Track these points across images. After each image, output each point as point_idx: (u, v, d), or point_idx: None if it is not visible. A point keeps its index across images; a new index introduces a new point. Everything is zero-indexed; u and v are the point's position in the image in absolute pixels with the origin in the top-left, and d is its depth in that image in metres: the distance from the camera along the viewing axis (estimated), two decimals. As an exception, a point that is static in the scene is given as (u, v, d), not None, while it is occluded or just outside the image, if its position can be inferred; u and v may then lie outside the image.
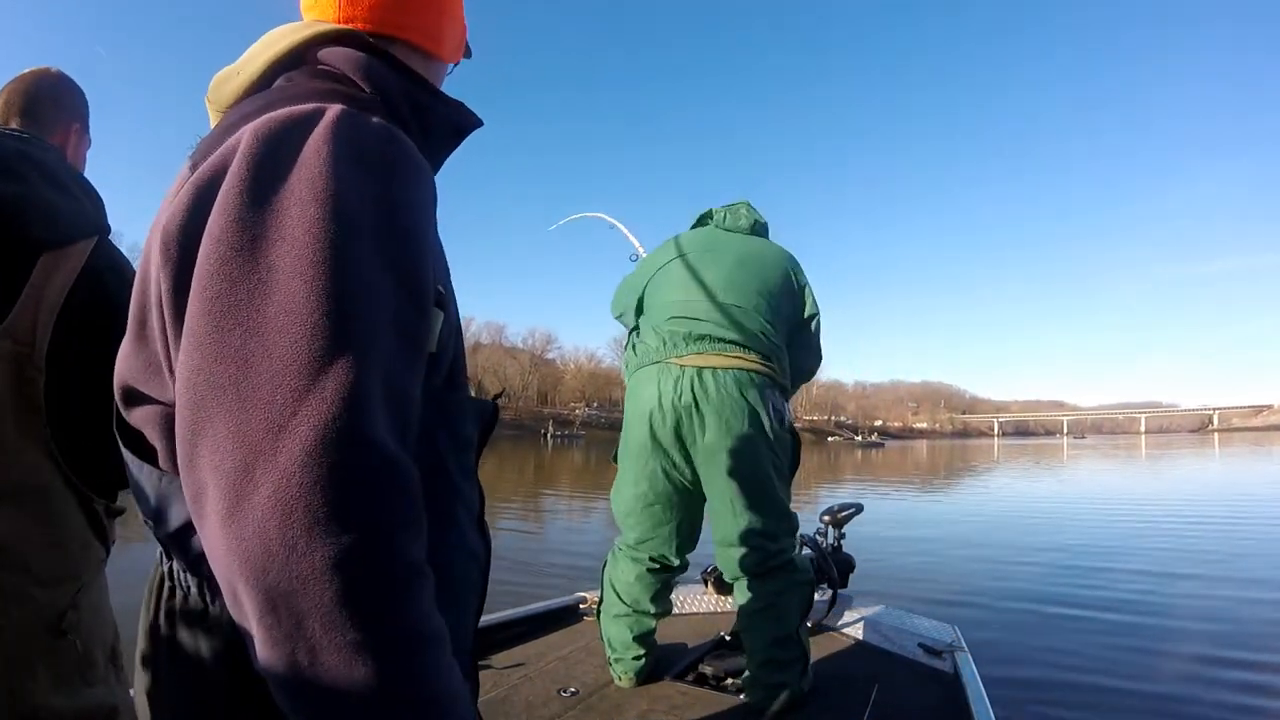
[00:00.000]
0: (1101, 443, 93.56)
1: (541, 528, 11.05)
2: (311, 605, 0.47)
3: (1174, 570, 7.23)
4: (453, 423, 0.73)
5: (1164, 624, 5.28)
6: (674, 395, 2.24)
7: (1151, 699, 3.77)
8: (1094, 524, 11.38)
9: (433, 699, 0.53)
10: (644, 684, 2.38)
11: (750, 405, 2.23)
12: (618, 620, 2.41)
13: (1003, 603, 5.90)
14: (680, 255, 2.49)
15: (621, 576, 2.43)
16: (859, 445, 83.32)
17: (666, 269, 2.49)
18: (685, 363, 2.26)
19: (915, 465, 34.30)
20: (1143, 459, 38.92)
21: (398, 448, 0.53)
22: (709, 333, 2.28)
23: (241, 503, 0.48)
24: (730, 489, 2.23)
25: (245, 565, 0.47)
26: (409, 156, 0.63)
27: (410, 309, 0.59)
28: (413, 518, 0.53)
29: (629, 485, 2.41)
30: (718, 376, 2.23)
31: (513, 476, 21.81)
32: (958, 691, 2.40)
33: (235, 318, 0.51)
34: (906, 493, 18.19)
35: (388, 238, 0.58)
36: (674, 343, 2.30)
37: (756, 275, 2.42)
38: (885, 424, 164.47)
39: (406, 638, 0.51)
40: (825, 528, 3.30)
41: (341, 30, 0.77)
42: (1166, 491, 18.22)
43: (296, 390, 0.49)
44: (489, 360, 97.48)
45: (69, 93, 1.33)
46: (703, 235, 2.57)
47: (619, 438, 2.51)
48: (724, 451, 2.22)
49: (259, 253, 0.53)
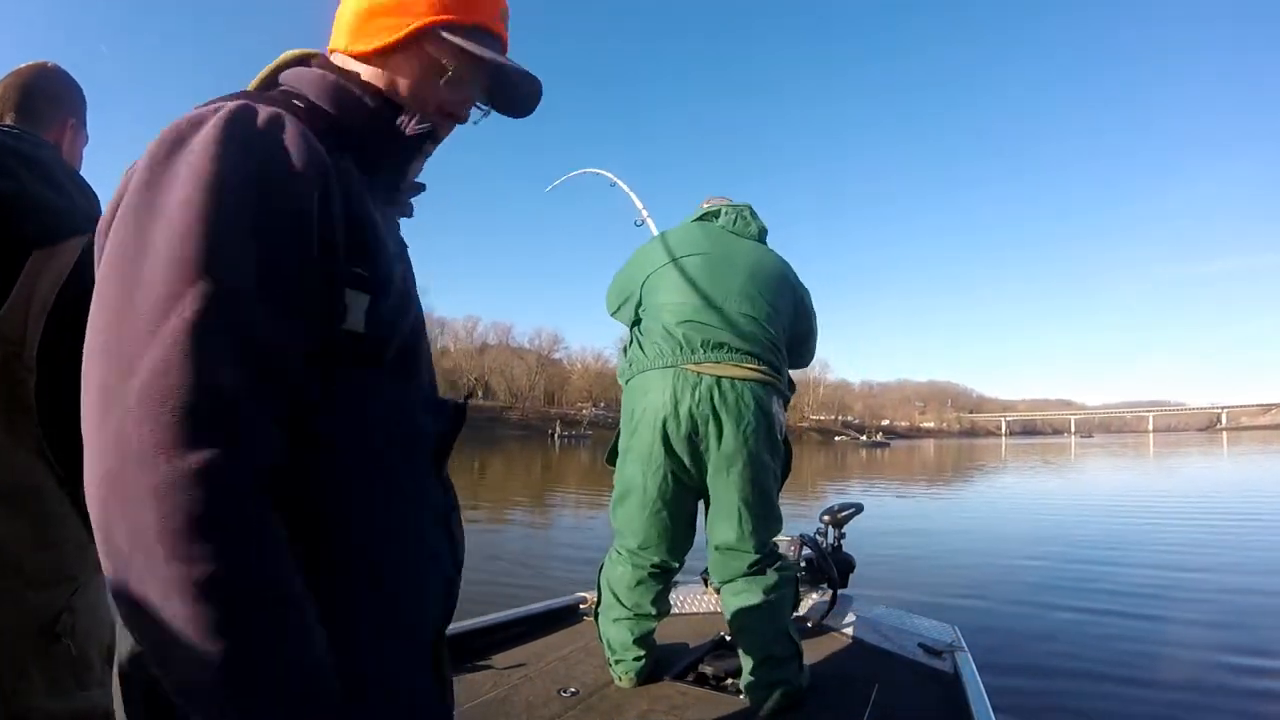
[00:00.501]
0: (1109, 441, 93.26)
1: (549, 526, 11.06)
2: (135, 533, 0.52)
3: (1178, 570, 7.21)
4: (395, 415, 0.76)
5: (1167, 624, 5.26)
6: (692, 402, 2.22)
7: (1153, 699, 3.76)
8: (1097, 523, 11.36)
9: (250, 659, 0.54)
10: (644, 684, 2.37)
11: (765, 416, 2.27)
12: (618, 623, 2.40)
13: (1003, 603, 5.89)
14: (693, 254, 2.43)
15: (622, 581, 2.40)
16: (864, 445, 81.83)
17: (675, 267, 2.43)
18: (704, 370, 2.25)
19: (922, 465, 34.23)
20: (1150, 458, 38.70)
21: (245, 397, 0.58)
22: (727, 342, 2.28)
23: (96, 439, 0.55)
24: (738, 496, 2.26)
25: (92, 495, 0.54)
26: (296, 141, 0.67)
27: (276, 275, 0.63)
28: (243, 462, 0.56)
29: (635, 491, 2.35)
30: (736, 387, 2.24)
31: (521, 476, 21.91)
32: (958, 691, 2.39)
33: (118, 284, 0.60)
34: (912, 492, 18.17)
35: (258, 212, 0.63)
36: (690, 348, 2.28)
37: (768, 286, 2.43)
38: (892, 423, 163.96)
39: (225, 584, 0.52)
40: (825, 528, 3.30)
41: (308, 53, 0.84)
42: (1171, 489, 18.19)
43: (143, 339, 0.55)
44: (496, 361, 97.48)
45: (65, 88, 1.33)
46: (713, 236, 2.51)
47: (604, 433, 2.48)
48: (739, 460, 2.24)
49: (143, 228, 0.60)
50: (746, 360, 2.28)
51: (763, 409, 2.27)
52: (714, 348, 2.27)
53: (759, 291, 2.39)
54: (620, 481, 2.41)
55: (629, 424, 2.38)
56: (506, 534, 9.89)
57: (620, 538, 2.43)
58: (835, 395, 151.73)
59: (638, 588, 2.38)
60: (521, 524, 11.07)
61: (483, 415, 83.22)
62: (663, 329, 2.34)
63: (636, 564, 2.38)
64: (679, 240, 2.50)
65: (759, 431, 2.25)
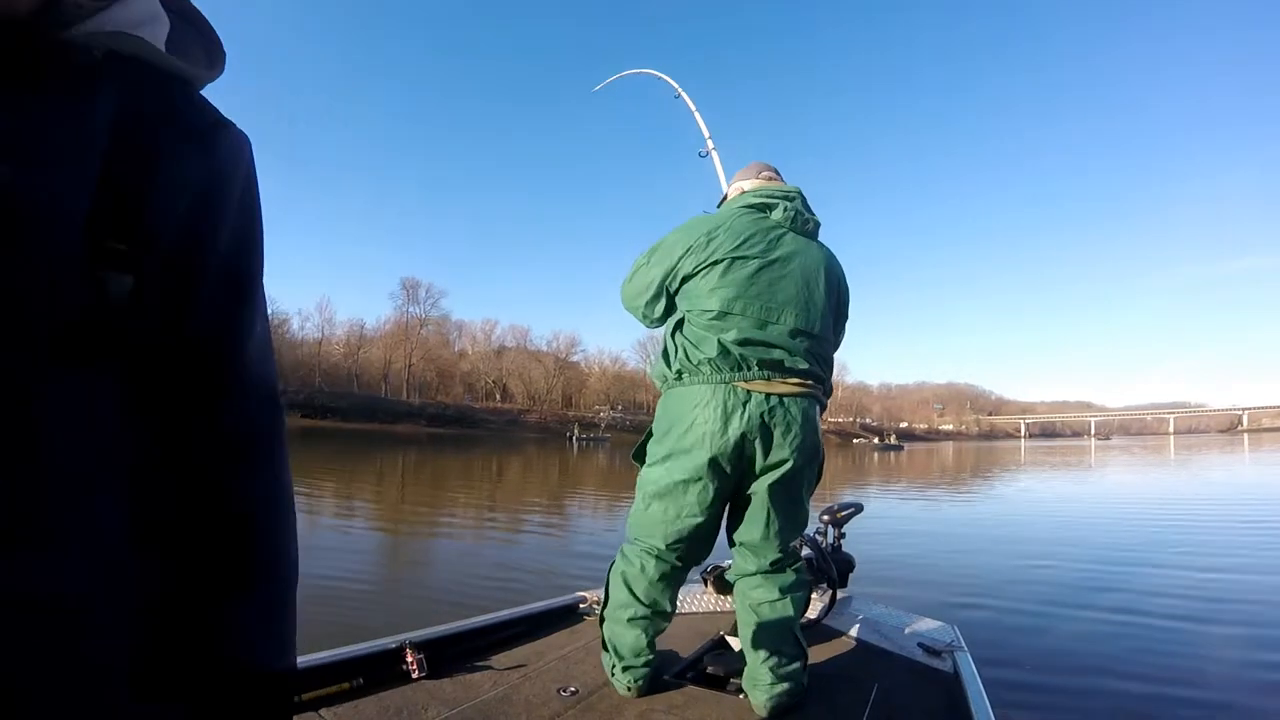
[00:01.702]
0: (1130, 443, 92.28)
1: (567, 529, 11.09)
2: None
3: (1180, 571, 7.14)
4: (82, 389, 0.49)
5: (1168, 624, 5.20)
6: (743, 419, 2.18)
7: (1153, 699, 3.72)
8: (1100, 524, 11.31)
9: None
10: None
11: (813, 429, 2.29)
12: (633, 624, 2.32)
13: (1004, 603, 5.87)
14: (749, 257, 2.29)
15: (643, 577, 2.33)
16: (877, 448, 78.93)
17: (729, 268, 2.28)
18: (754, 388, 2.21)
19: (940, 468, 33.98)
20: (1160, 461, 38.22)
21: None
22: (782, 360, 2.25)
23: None
24: (771, 500, 2.27)
25: None
26: None
27: None
28: None
29: (671, 498, 2.27)
30: (785, 403, 2.23)
31: (538, 479, 22.03)
32: (958, 691, 2.40)
33: None
34: (920, 496, 18.07)
35: None
36: (746, 366, 2.22)
37: (825, 295, 2.38)
38: (911, 425, 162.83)
39: None
40: (825, 527, 3.31)
41: None
42: (1183, 491, 18.03)
43: None
44: (514, 364, 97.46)
45: None
46: (770, 236, 2.36)
47: (639, 439, 2.47)
48: (780, 470, 2.24)
49: None
50: (801, 377, 2.28)
51: (809, 421, 2.27)
52: (769, 366, 2.24)
53: (815, 302, 2.34)
54: (652, 484, 2.32)
55: (671, 430, 2.30)
56: (529, 537, 9.94)
57: (642, 537, 2.36)
58: (854, 397, 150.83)
59: (658, 583, 2.33)
60: (545, 525, 11.14)
61: (501, 418, 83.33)
62: (719, 345, 2.23)
63: (661, 558, 2.32)
64: (730, 232, 2.33)
65: (804, 445, 2.25)
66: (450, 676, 2.35)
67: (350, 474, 20.04)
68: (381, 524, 10.85)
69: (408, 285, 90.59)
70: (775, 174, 2.63)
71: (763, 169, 2.64)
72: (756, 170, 2.63)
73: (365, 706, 2.08)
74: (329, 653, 2.25)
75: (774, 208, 2.40)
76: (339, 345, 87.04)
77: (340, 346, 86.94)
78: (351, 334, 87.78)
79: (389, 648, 2.36)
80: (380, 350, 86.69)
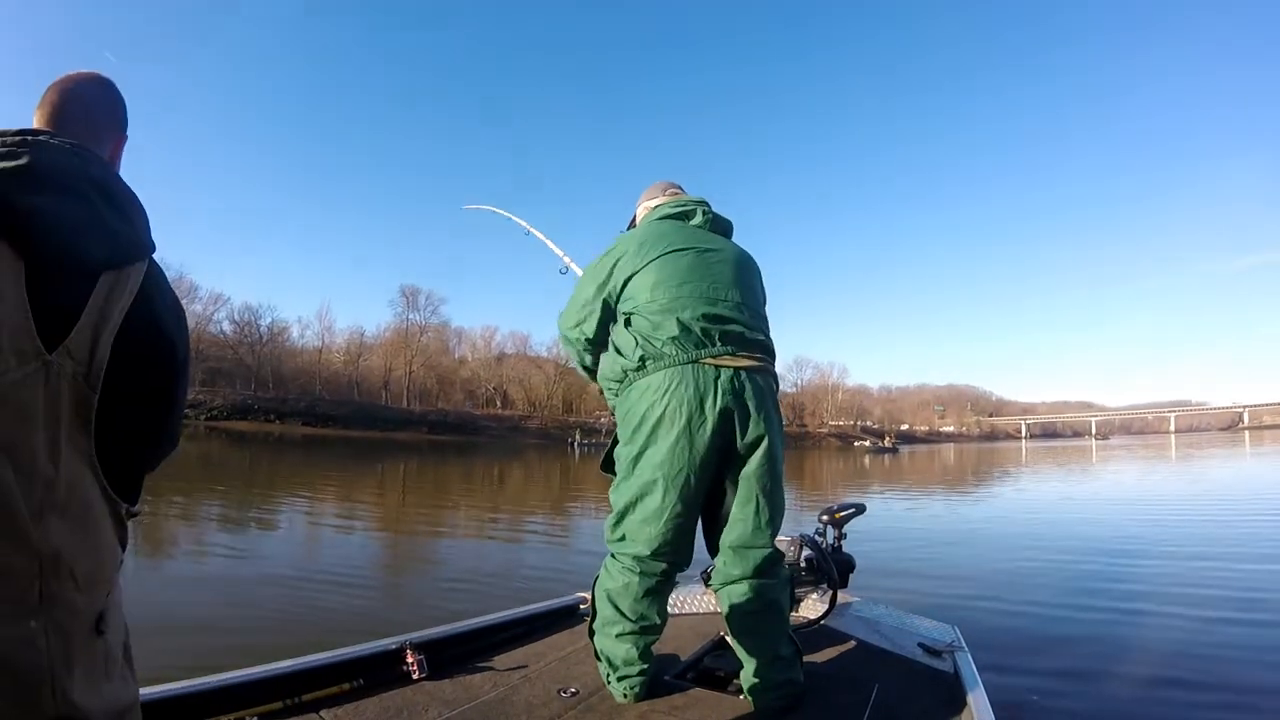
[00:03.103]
0: (1131, 443, 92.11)
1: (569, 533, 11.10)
2: None
3: (1181, 571, 7.13)
4: None
5: (1168, 624, 5.19)
6: (717, 396, 2.14)
7: (1154, 699, 3.71)
8: (1101, 524, 11.30)
9: None
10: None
11: (777, 407, 2.29)
12: (621, 639, 2.28)
13: (1004, 603, 5.85)
14: (682, 249, 2.34)
15: (628, 593, 2.27)
16: (869, 451, 76.20)
17: (667, 261, 2.31)
18: (722, 363, 2.18)
19: (942, 470, 33.95)
20: (1157, 459, 38.16)
21: None
22: (742, 332, 2.25)
23: None
24: (757, 485, 2.23)
25: None
26: None
27: None
28: None
29: (652, 496, 2.19)
30: (754, 378, 2.22)
31: (540, 485, 22.04)
32: (958, 691, 2.40)
33: None
34: (927, 497, 18.05)
35: None
36: (710, 341, 2.20)
37: (754, 279, 2.46)
38: (912, 427, 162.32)
39: None
40: (825, 528, 3.31)
41: None
42: (1181, 490, 18.02)
43: None
44: (515, 370, 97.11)
45: (118, 103, 1.31)
46: (693, 234, 2.44)
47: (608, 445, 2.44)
48: (761, 449, 2.22)
49: None
50: (757, 352, 2.27)
51: (773, 394, 2.29)
52: (731, 340, 2.22)
53: (750, 284, 2.40)
54: (630, 488, 2.25)
55: (640, 427, 2.23)
56: (530, 541, 9.95)
57: (625, 547, 2.29)
58: (854, 400, 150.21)
59: (644, 598, 2.26)
60: (545, 530, 11.12)
61: (502, 424, 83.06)
62: (679, 324, 2.20)
63: (646, 572, 2.25)
64: (657, 236, 2.39)
65: (775, 420, 2.25)
66: (450, 677, 2.35)
67: (352, 482, 20.04)
68: (384, 530, 10.86)
69: (407, 292, 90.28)
70: (680, 189, 2.73)
71: (668, 187, 2.72)
72: (662, 189, 2.73)
73: (366, 707, 2.08)
74: (329, 653, 2.26)
75: (692, 215, 2.51)
76: (339, 353, 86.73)
77: (340, 354, 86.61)
78: (352, 342, 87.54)
79: (389, 648, 2.37)
80: (380, 358, 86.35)
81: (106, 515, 1.09)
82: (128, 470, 1.12)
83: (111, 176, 1.16)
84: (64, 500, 0.99)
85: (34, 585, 0.94)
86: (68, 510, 1.00)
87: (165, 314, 1.15)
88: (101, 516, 1.08)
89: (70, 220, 1.03)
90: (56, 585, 0.97)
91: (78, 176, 1.08)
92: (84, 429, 1.03)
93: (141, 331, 1.10)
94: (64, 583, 0.99)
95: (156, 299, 1.14)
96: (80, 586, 1.01)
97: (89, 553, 1.04)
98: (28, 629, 0.93)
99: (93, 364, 1.02)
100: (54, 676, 0.96)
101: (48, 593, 0.96)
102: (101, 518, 1.08)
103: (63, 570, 0.98)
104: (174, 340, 1.15)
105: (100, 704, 1.03)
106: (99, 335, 1.03)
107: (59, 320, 0.99)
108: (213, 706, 1.91)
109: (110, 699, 1.06)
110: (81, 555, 1.02)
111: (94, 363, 1.02)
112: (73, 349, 1.00)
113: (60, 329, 0.99)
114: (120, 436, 1.09)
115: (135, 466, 1.14)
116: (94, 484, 1.06)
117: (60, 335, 0.99)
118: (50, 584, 0.96)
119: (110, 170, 1.18)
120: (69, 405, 1.00)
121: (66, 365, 0.99)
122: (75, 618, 1.00)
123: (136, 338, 1.08)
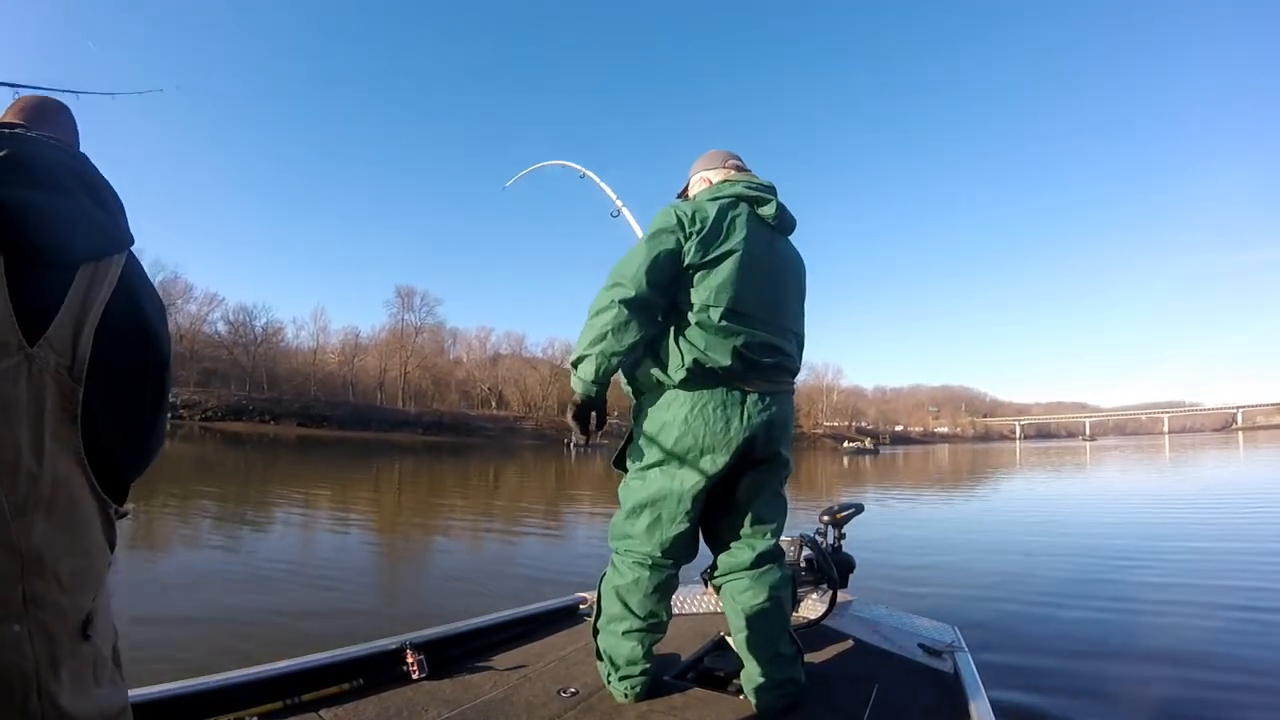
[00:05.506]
0: (1124, 443, 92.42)
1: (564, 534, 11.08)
2: None
3: (1182, 571, 7.15)
4: None
5: (1169, 624, 5.20)
6: (741, 419, 2.18)
7: (1155, 699, 3.72)
8: (1099, 524, 11.32)
9: None
10: None
11: (791, 426, 2.37)
12: (628, 636, 2.27)
13: (1004, 603, 5.86)
14: (751, 252, 2.23)
15: (638, 589, 2.26)
16: (846, 452, 72.89)
17: (743, 265, 2.20)
18: (752, 389, 2.22)
19: (937, 471, 33.99)
20: (1166, 459, 38.30)
21: None
22: (782, 361, 2.32)
23: None
24: (760, 491, 2.32)
25: None
26: None
27: None
28: None
29: (666, 503, 2.22)
30: (780, 401, 2.30)
31: (535, 485, 22.01)
32: (958, 691, 2.40)
33: None
34: (928, 498, 18.08)
35: None
36: (756, 370, 2.22)
37: (802, 293, 2.49)
38: (906, 428, 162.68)
39: None
40: (825, 528, 3.31)
41: None
42: (1179, 491, 18.05)
43: None
44: (510, 370, 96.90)
45: (74, 124, 1.33)
46: (763, 233, 2.31)
47: (620, 442, 2.44)
48: (770, 463, 2.31)
49: None
50: (788, 377, 2.37)
51: (792, 415, 2.37)
52: (773, 369, 2.28)
53: (797, 298, 2.44)
54: (643, 491, 2.26)
55: (661, 433, 2.22)
56: (528, 540, 9.93)
57: (634, 546, 2.28)
58: (848, 401, 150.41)
59: (653, 595, 2.26)
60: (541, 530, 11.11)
61: (498, 425, 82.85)
62: (732, 352, 2.17)
63: (657, 567, 2.26)
64: (730, 226, 2.24)
65: (787, 437, 2.35)
66: (450, 677, 2.35)
67: (347, 484, 19.98)
68: (378, 532, 10.81)
69: (402, 293, 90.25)
70: (741, 162, 2.53)
71: (728, 158, 2.53)
72: (722, 159, 2.53)
73: (365, 707, 2.08)
74: (329, 653, 2.25)
75: (766, 203, 2.34)
76: (334, 354, 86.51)
77: (335, 355, 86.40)
78: (346, 342, 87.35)
79: (389, 648, 2.36)
80: (375, 358, 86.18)
81: (95, 514, 1.07)
82: (115, 468, 1.11)
83: (91, 168, 1.17)
84: (49, 497, 0.98)
85: (16, 587, 0.92)
86: (54, 508, 0.98)
87: (147, 306, 1.14)
88: (90, 515, 1.06)
89: (50, 212, 1.02)
90: (41, 587, 0.96)
91: (59, 168, 1.08)
92: (70, 423, 1.01)
93: (124, 324, 1.09)
94: (49, 584, 0.97)
95: (137, 291, 1.13)
96: (66, 588, 0.99)
97: (76, 553, 1.02)
98: (11, 633, 0.91)
99: (75, 356, 1.01)
100: (40, 682, 0.94)
101: (32, 594, 0.94)
102: (90, 516, 1.06)
103: (47, 571, 0.96)
104: (157, 332, 1.15)
105: (89, 709, 1.01)
106: (81, 327, 1.02)
107: (40, 313, 0.98)
108: (212, 706, 1.90)
109: (100, 704, 1.03)
110: (67, 555, 1.00)
111: (77, 355, 1.01)
112: (54, 341, 0.99)
113: (41, 321, 0.98)
114: (106, 433, 1.08)
115: (123, 464, 1.12)
116: (83, 482, 1.04)
117: (41, 328, 0.97)
118: (34, 585, 0.95)
119: (89, 163, 1.18)
120: (53, 399, 0.99)
121: (49, 358, 0.98)
122: (61, 620, 0.98)
123: (119, 330, 1.07)
